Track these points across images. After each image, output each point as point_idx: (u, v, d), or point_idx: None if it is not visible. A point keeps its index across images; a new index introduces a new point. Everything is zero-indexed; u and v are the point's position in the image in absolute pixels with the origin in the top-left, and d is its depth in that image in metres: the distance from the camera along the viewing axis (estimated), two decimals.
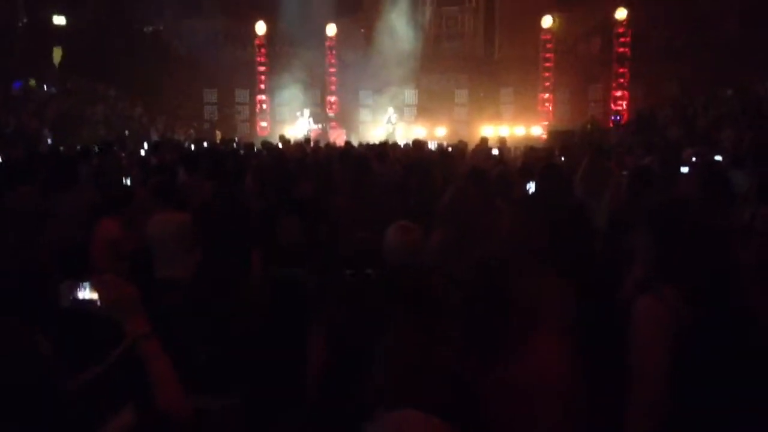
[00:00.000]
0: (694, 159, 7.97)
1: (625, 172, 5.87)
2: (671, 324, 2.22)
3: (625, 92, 21.91)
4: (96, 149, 10.40)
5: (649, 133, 16.10)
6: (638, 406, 2.27)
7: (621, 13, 21.36)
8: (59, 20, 22.29)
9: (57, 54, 21.77)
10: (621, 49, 21.74)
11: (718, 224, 2.55)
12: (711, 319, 2.21)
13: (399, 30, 23.26)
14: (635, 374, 2.29)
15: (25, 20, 21.96)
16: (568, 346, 2.41)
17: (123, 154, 11.02)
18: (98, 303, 1.95)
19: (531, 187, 6.06)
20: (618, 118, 21.56)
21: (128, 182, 7.09)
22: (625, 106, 21.84)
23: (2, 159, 9.67)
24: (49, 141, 16.74)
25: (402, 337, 2.12)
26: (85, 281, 1.94)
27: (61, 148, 13.63)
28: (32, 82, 20.16)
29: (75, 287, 1.95)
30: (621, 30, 21.63)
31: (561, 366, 2.33)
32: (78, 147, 11.59)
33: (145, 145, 14.43)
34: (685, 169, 6.08)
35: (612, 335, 3.03)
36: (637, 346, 2.30)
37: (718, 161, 7.82)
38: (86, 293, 1.95)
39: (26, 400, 1.51)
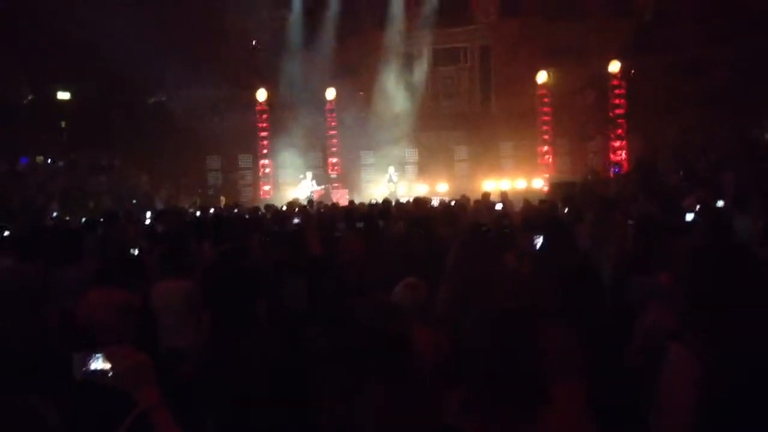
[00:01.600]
0: (698, 206, 7.97)
1: (630, 222, 5.86)
2: (700, 373, 2.15)
3: (623, 142, 22.12)
4: (101, 219, 10.46)
5: (651, 181, 16.18)
6: None
7: (614, 66, 21.75)
8: (63, 95, 22.79)
9: (63, 127, 22.17)
10: (617, 101, 22.05)
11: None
12: (742, 367, 2.14)
13: (396, 91, 23.69)
14: (660, 422, 2.22)
15: (30, 97, 22.44)
16: (585, 403, 2.35)
17: (131, 225, 11.04)
18: (110, 374, 1.94)
19: (538, 241, 6.05)
20: (617, 169, 21.72)
21: (136, 252, 7.09)
22: (624, 156, 22.02)
23: (9, 234, 9.71)
24: (55, 214, 16.86)
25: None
26: (98, 352, 1.94)
27: (68, 218, 13.74)
28: (39, 158, 20.45)
29: (88, 358, 1.94)
30: (615, 82, 21.98)
31: (580, 425, 2.27)
32: (83, 219, 11.67)
33: (148, 214, 14.53)
34: (689, 217, 6.08)
35: (622, 386, 2.97)
36: (663, 394, 2.24)
37: (721, 208, 7.83)
38: (99, 364, 1.94)
39: None
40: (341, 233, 7.67)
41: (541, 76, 22.81)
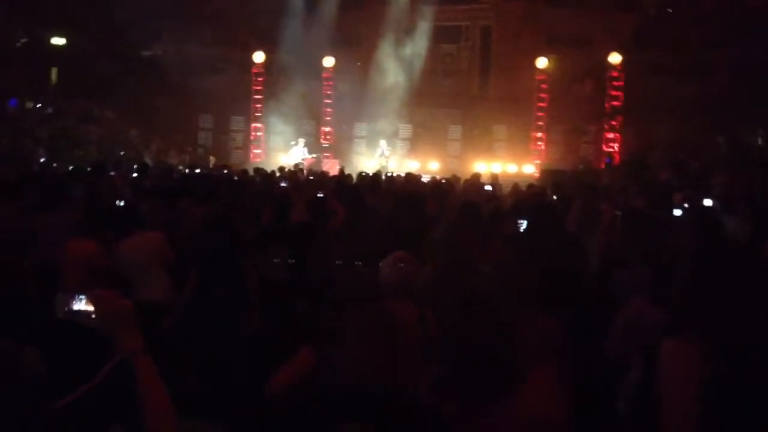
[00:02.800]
0: (685, 204, 8.02)
1: (617, 213, 5.89)
2: (700, 369, 2.14)
3: (617, 135, 22.15)
4: (88, 169, 10.36)
5: (641, 175, 16.23)
6: None
7: (615, 58, 21.69)
8: (58, 41, 22.41)
9: (53, 74, 21.84)
10: (614, 92, 22.03)
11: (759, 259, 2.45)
12: (742, 366, 2.12)
13: (395, 64, 23.50)
14: (664, 421, 2.20)
15: (23, 40, 22.05)
16: (560, 387, 2.37)
17: (118, 177, 10.95)
18: (93, 315, 1.93)
19: (523, 224, 6.08)
20: (609, 160, 21.75)
21: (121, 204, 7.05)
22: (617, 148, 22.06)
23: None
24: (42, 160, 16.69)
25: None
26: (82, 294, 1.94)
27: (54, 164, 13.60)
28: (28, 102, 20.17)
29: (71, 299, 1.95)
30: (615, 74, 21.94)
31: (551, 409, 2.29)
32: (70, 167, 11.56)
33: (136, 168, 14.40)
34: (677, 212, 6.11)
35: (601, 375, 3.01)
36: (664, 393, 2.21)
37: (710, 207, 7.88)
38: (82, 305, 1.94)
39: (13, 422, 1.48)
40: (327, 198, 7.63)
41: (541, 62, 22.71)
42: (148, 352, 1.94)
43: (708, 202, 8.21)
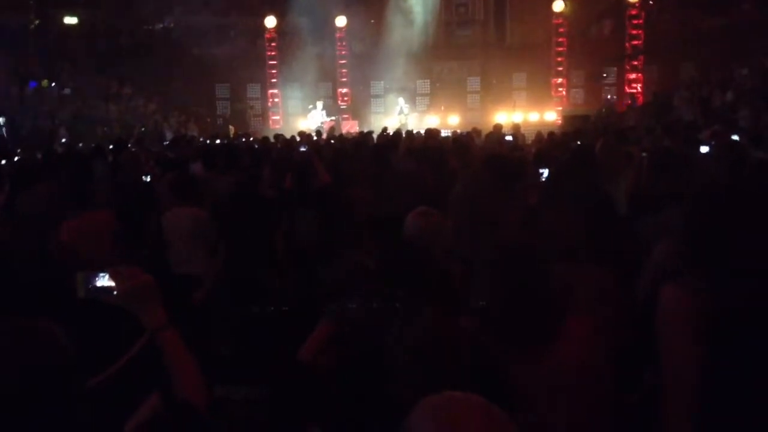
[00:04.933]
0: (712, 141, 7.86)
1: (644, 154, 5.78)
2: (699, 315, 2.03)
3: (640, 75, 21.66)
4: (111, 147, 10.43)
5: (666, 115, 15.92)
6: (674, 408, 2.09)
7: None
8: (71, 20, 22.42)
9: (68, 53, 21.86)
10: (634, 31, 21.49)
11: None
12: (747, 313, 2.01)
13: (409, 19, 23.12)
14: (666, 372, 2.13)
15: (37, 22, 22.09)
16: (601, 337, 2.35)
17: (142, 152, 11.00)
18: (115, 292, 1.93)
19: (545, 173, 6.00)
20: (632, 101, 21.33)
21: (147, 179, 7.07)
22: (640, 89, 21.59)
23: (20, 159, 9.72)
24: (64, 140, 16.85)
25: (425, 324, 2.09)
26: (103, 271, 1.94)
27: (80, 144, 13.72)
28: (45, 83, 20.29)
29: (92, 277, 1.94)
30: (634, 12, 21.37)
31: (592, 354, 2.27)
32: (93, 145, 11.64)
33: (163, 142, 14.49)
34: (704, 149, 5.98)
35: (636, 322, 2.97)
36: (664, 341, 2.14)
37: (737, 141, 7.71)
38: (104, 282, 1.94)
39: (48, 399, 1.50)
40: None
41: (557, 5, 22.19)
42: (173, 326, 1.94)
43: (736, 137, 8.03)
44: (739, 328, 2.02)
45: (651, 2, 21.24)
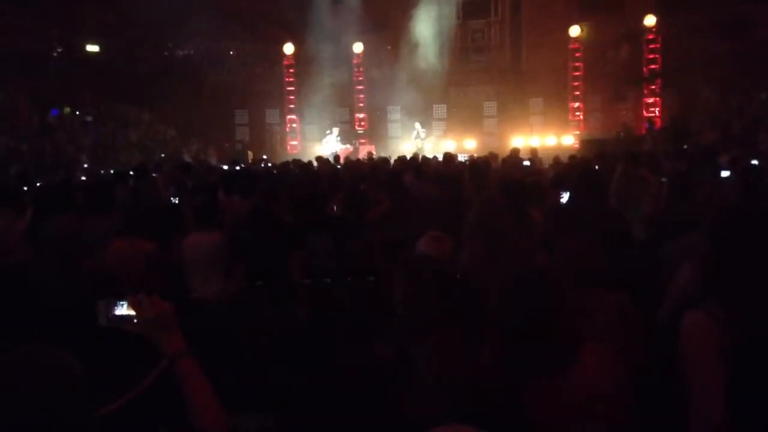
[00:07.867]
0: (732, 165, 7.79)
1: (663, 179, 5.74)
2: (722, 342, 2.04)
3: (658, 99, 21.58)
4: (131, 173, 10.55)
5: (684, 139, 15.82)
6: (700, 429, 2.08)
7: (650, 20, 21.11)
8: (92, 48, 22.85)
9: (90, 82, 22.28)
10: (651, 56, 21.46)
11: None
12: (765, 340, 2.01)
13: (425, 45, 23.29)
14: (691, 396, 2.12)
15: (59, 50, 22.54)
16: (617, 360, 2.32)
17: (162, 177, 11.09)
18: (135, 320, 1.95)
19: (565, 197, 5.98)
20: (650, 125, 21.24)
21: (176, 201, 7.13)
22: (657, 113, 21.50)
23: (42, 185, 9.85)
24: (86, 166, 17.07)
25: (444, 347, 2.07)
26: (123, 299, 1.95)
27: (102, 171, 13.89)
28: (67, 110, 20.63)
29: (112, 305, 1.96)
30: (651, 36, 21.37)
31: (608, 380, 2.24)
32: (112, 171, 11.79)
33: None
34: (725, 174, 5.93)
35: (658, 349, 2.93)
36: (688, 366, 2.14)
37: (756, 165, 7.65)
38: (123, 310, 1.95)
39: (57, 428, 1.50)
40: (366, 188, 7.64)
41: (574, 30, 22.25)
42: (190, 354, 1.95)
43: (755, 162, 7.97)
44: (761, 355, 2.00)
45: (663, 29, 21.20)
